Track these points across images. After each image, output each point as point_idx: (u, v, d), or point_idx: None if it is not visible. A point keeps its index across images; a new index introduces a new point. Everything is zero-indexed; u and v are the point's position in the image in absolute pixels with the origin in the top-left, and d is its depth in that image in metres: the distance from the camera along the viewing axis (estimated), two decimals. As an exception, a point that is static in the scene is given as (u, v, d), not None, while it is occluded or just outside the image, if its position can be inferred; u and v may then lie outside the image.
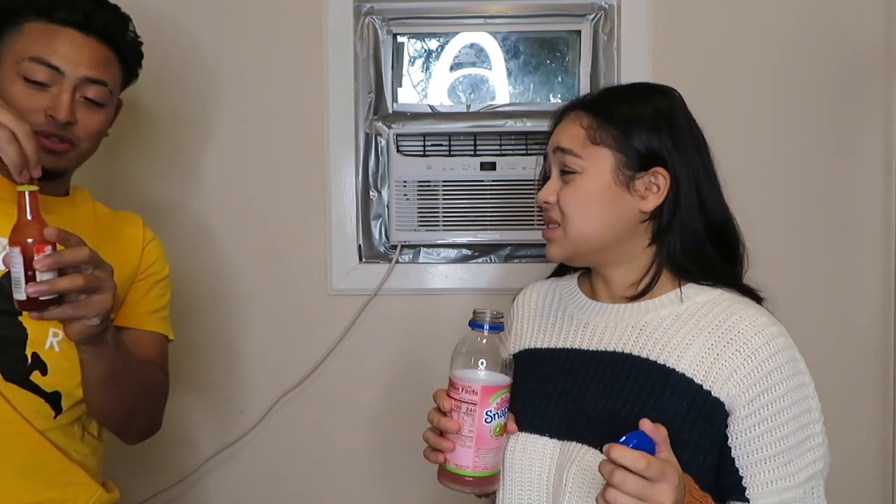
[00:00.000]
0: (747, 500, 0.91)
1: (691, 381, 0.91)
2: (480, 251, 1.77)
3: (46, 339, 1.09)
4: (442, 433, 0.93)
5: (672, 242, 0.98)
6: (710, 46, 1.69)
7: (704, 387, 0.91)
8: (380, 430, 1.75)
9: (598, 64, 1.75)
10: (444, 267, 1.74)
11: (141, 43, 1.21)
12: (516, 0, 1.76)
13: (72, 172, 1.21)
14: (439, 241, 1.74)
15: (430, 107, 1.79)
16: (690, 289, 0.99)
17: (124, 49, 1.16)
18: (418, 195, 1.72)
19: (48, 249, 0.91)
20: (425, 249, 1.77)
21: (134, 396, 1.14)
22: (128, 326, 1.22)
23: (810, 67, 1.69)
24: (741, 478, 0.91)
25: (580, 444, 0.94)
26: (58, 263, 0.91)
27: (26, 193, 0.92)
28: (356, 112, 1.73)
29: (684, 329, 0.95)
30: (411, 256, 1.77)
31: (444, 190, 1.71)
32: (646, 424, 0.79)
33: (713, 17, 1.69)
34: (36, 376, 1.09)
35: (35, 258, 0.90)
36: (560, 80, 1.86)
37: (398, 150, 1.72)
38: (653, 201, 0.98)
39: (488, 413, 0.89)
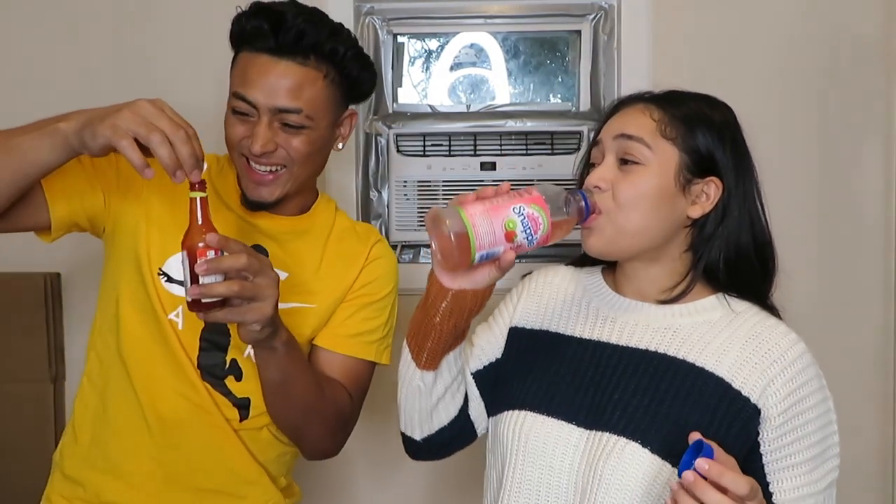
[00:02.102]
0: None
1: (730, 385, 0.92)
2: (480, 251, 1.77)
3: (246, 346, 1.11)
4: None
5: (713, 253, 0.98)
6: (710, 46, 1.69)
7: (743, 393, 0.92)
8: (380, 431, 1.75)
9: (598, 64, 1.75)
10: (444, 267, 1.74)
11: (356, 49, 1.13)
12: (516, 0, 1.77)
13: (305, 190, 1.19)
14: (439, 241, 1.74)
15: (430, 107, 1.79)
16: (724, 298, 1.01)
17: (329, 61, 1.09)
18: (418, 195, 1.72)
19: (210, 255, 0.94)
20: (425, 249, 1.76)
21: (303, 411, 1.13)
22: (322, 346, 1.19)
23: (810, 68, 1.68)
24: (768, 483, 0.92)
25: (615, 436, 0.92)
26: (215, 269, 0.93)
27: (197, 200, 0.95)
28: (356, 112, 1.73)
29: (722, 335, 0.96)
30: (411, 256, 1.77)
31: (444, 190, 1.72)
32: (697, 435, 0.81)
33: (713, 17, 1.69)
34: (230, 381, 1.13)
35: (197, 262, 0.93)
36: (560, 80, 1.86)
37: (398, 150, 1.72)
38: (700, 209, 0.97)
39: (521, 208, 0.89)
